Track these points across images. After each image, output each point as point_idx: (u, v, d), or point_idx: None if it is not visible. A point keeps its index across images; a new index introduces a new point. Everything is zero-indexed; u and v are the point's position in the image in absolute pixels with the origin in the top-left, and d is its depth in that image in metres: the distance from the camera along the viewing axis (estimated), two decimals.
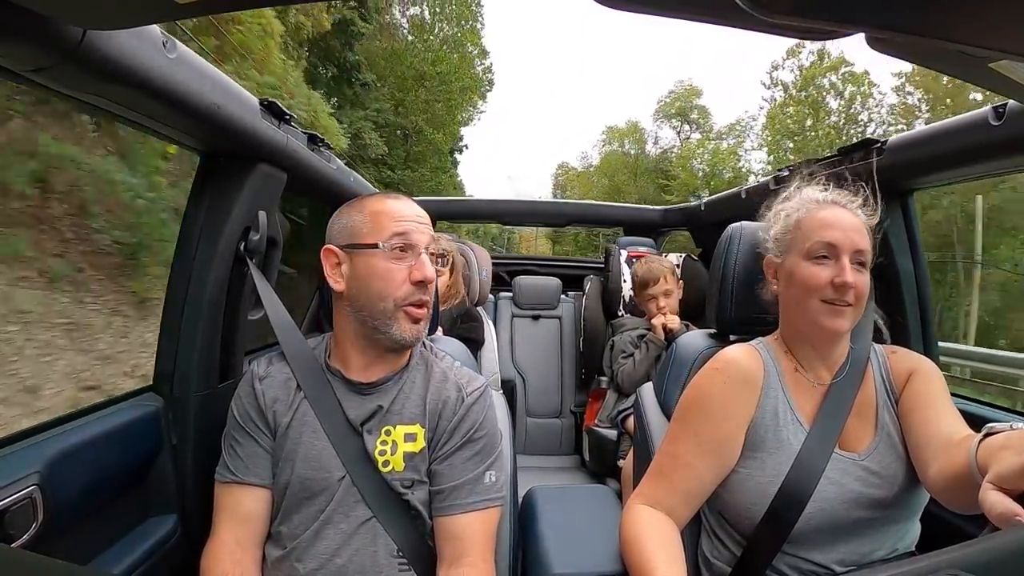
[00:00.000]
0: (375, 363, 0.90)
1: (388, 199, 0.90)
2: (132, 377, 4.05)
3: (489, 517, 0.88)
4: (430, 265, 0.86)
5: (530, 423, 2.51)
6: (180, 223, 1.03)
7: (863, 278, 0.84)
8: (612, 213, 3.12)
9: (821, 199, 0.90)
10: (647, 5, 0.42)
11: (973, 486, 0.62)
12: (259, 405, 0.88)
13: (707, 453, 0.86)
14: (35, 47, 0.58)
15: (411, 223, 0.87)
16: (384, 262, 0.85)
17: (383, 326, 0.85)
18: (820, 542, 0.82)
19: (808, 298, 0.85)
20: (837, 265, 0.84)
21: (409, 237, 0.86)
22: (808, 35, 0.41)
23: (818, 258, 0.85)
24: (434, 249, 0.89)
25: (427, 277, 0.85)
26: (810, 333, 0.88)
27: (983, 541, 0.43)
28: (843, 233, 0.84)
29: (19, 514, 0.69)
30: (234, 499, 0.86)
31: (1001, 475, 0.56)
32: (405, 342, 0.86)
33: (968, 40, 0.34)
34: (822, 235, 0.85)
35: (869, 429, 0.87)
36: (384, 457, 0.85)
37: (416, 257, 0.86)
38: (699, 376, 0.91)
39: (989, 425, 0.66)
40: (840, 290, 0.83)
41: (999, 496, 0.54)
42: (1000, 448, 0.60)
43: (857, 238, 0.85)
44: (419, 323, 0.87)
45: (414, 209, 0.90)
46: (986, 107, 0.88)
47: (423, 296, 0.86)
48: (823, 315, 0.84)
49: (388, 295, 0.84)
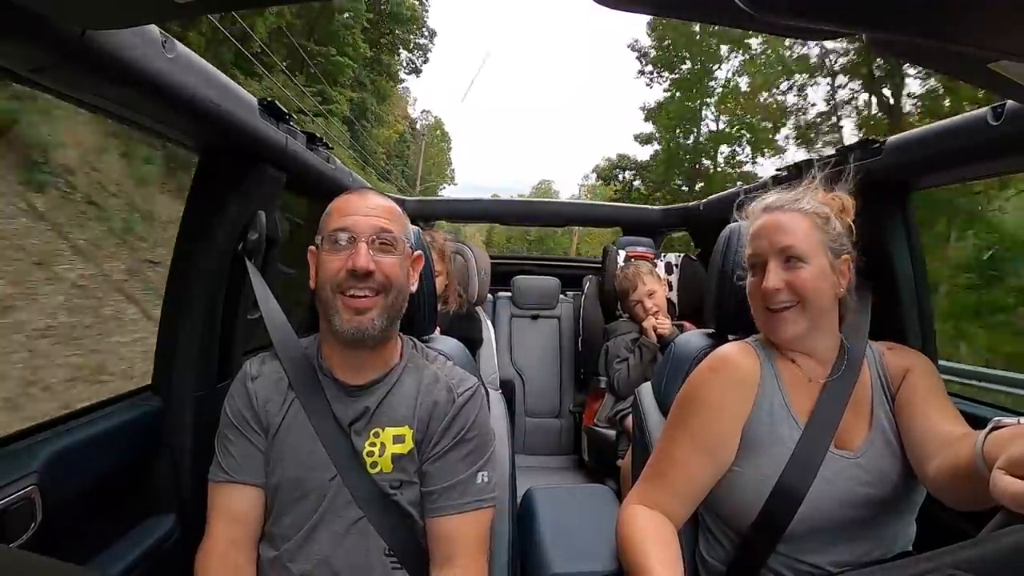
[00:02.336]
0: (358, 363, 0.89)
1: (351, 195, 0.89)
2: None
3: (481, 518, 0.87)
4: (364, 254, 0.83)
5: (529, 423, 2.51)
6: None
7: (801, 273, 0.84)
8: (611, 213, 3.12)
9: (756, 208, 0.93)
10: (647, 5, 0.42)
11: (976, 481, 0.62)
12: (252, 405, 0.88)
13: (703, 452, 0.86)
14: (34, 47, 0.58)
15: (356, 216, 0.85)
16: (325, 255, 0.85)
17: (328, 316, 0.85)
18: (816, 542, 0.82)
19: (755, 310, 0.90)
20: (764, 273, 0.86)
21: (349, 229, 0.84)
22: (808, 35, 0.41)
23: (753, 270, 0.89)
24: (386, 239, 0.86)
25: (357, 266, 0.82)
26: (771, 339, 0.91)
27: (982, 541, 0.43)
28: (765, 240, 0.87)
29: (18, 514, 0.69)
30: (228, 499, 0.86)
31: (1014, 459, 0.56)
32: (345, 333, 0.84)
33: (968, 40, 0.34)
34: (750, 248, 0.90)
35: (864, 427, 0.87)
36: (372, 458, 0.85)
37: (353, 246, 0.84)
38: (694, 375, 0.92)
39: (996, 419, 0.66)
40: (767, 295, 0.85)
41: (1011, 479, 0.54)
42: (1010, 439, 0.61)
43: (780, 237, 0.85)
44: (363, 315, 0.83)
45: (369, 200, 0.88)
46: (985, 107, 0.88)
47: (358, 285, 0.83)
48: (767, 322, 0.88)
49: (326, 282, 0.84)
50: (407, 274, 0.91)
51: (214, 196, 1.01)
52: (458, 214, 3.07)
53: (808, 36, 0.42)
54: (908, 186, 1.15)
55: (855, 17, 0.34)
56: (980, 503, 0.68)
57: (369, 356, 0.90)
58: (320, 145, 1.29)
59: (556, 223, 3.25)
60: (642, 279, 2.06)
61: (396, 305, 0.88)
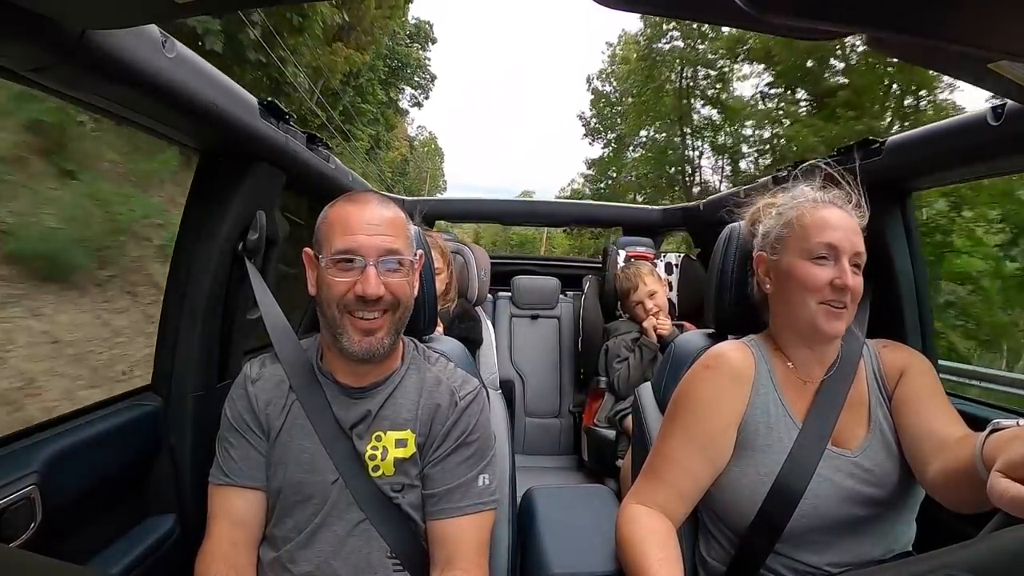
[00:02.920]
0: (361, 371, 0.88)
1: (349, 203, 0.85)
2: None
3: (482, 521, 0.87)
4: (374, 281, 0.80)
5: (529, 423, 2.51)
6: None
7: (860, 280, 0.84)
8: (611, 213, 3.12)
9: (819, 198, 0.89)
10: (647, 5, 0.42)
11: (975, 483, 0.62)
12: (252, 408, 0.87)
13: (699, 450, 0.86)
14: (34, 47, 0.58)
15: (361, 236, 0.81)
16: (330, 275, 0.82)
17: (336, 333, 0.83)
18: (815, 542, 0.82)
19: (806, 299, 0.85)
20: (837, 267, 0.83)
21: (354, 252, 0.81)
22: (808, 35, 0.42)
23: (818, 258, 0.85)
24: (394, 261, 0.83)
25: (367, 293, 0.80)
26: (806, 333, 0.88)
27: (982, 541, 0.43)
28: (844, 235, 0.84)
29: (17, 514, 0.69)
30: (228, 502, 0.85)
31: (1012, 462, 0.56)
32: (354, 354, 0.82)
33: (968, 40, 0.34)
34: (823, 236, 0.84)
35: (862, 426, 0.87)
36: (374, 462, 0.85)
37: (361, 272, 0.81)
38: (689, 373, 0.91)
39: (995, 421, 0.66)
40: (839, 292, 0.83)
41: (1009, 482, 0.54)
42: (1010, 441, 0.60)
43: (856, 240, 0.85)
44: (373, 335, 0.82)
45: (371, 214, 0.84)
46: (985, 107, 0.88)
47: (366, 311, 0.82)
48: (821, 317, 0.84)
49: (332, 301, 0.82)
50: (413, 287, 0.89)
51: (214, 196, 1.01)
52: (459, 214, 3.07)
53: (808, 36, 0.42)
54: (908, 186, 1.15)
55: (855, 17, 0.34)
56: (980, 506, 0.67)
57: (374, 365, 0.89)
58: (320, 145, 1.29)
59: (556, 223, 3.25)
60: (643, 279, 2.06)
61: (403, 319, 0.87)
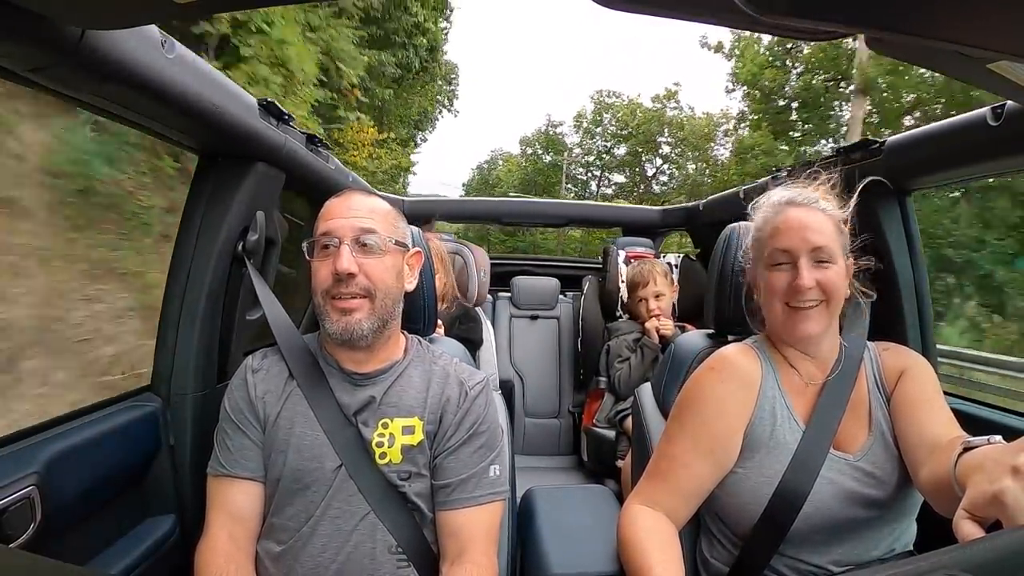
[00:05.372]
0: (360, 357, 0.90)
1: (334, 199, 0.90)
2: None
3: (493, 511, 0.88)
4: (346, 256, 0.83)
5: (528, 423, 2.51)
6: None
7: (829, 273, 0.84)
8: (611, 213, 3.13)
9: (776, 201, 0.90)
10: (646, 5, 0.42)
11: (956, 496, 0.61)
12: (249, 397, 0.88)
13: (704, 453, 0.85)
14: (34, 47, 0.58)
15: (337, 219, 0.86)
16: (315, 263, 0.87)
17: (321, 319, 0.87)
18: (817, 542, 0.82)
19: (774, 304, 0.87)
20: (794, 269, 0.84)
21: (330, 232, 0.85)
22: (807, 35, 0.42)
23: (776, 264, 0.86)
24: (368, 239, 0.86)
25: (339, 268, 0.83)
26: (785, 337, 0.89)
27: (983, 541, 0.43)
28: (797, 235, 0.85)
29: (17, 514, 0.68)
30: (225, 493, 0.86)
31: (974, 502, 0.54)
32: (335, 335, 0.85)
33: (967, 40, 0.34)
34: (777, 242, 0.86)
35: (863, 428, 0.87)
36: (381, 449, 0.86)
37: (335, 250, 0.85)
38: (695, 375, 0.91)
39: (966, 440, 0.65)
40: (799, 292, 0.83)
41: (972, 527, 0.53)
42: (975, 469, 0.59)
43: (813, 236, 0.84)
44: (349, 315, 0.85)
45: (352, 202, 0.88)
46: (985, 107, 0.88)
47: (342, 288, 0.84)
48: (788, 319, 0.86)
49: (317, 289, 0.86)
50: (397, 275, 0.90)
51: (214, 196, 1.01)
52: (457, 214, 3.07)
53: (808, 36, 0.42)
54: (908, 186, 1.15)
55: (855, 17, 0.34)
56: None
57: (369, 353, 0.90)
58: (319, 145, 1.29)
59: (556, 223, 3.24)
60: (655, 279, 2.05)
61: (386, 307, 0.88)
